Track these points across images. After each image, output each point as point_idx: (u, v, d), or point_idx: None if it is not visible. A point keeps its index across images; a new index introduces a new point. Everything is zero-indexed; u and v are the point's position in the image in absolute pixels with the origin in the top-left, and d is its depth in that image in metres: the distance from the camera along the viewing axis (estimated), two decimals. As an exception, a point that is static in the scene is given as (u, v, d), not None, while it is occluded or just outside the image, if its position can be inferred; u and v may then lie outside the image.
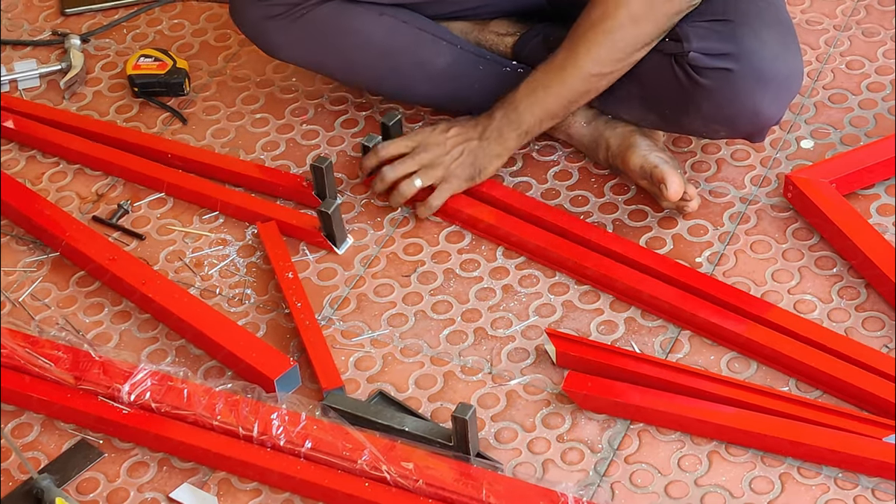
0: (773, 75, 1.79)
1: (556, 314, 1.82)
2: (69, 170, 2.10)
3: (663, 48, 1.84)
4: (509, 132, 1.90)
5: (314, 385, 1.76)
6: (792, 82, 1.83)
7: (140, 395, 1.71)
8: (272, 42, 2.02)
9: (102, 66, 2.27)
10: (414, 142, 1.94)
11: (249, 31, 2.03)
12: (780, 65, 1.80)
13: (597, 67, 1.83)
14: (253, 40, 2.05)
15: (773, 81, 1.80)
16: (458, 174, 1.92)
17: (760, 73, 1.79)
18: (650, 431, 1.68)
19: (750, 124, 1.83)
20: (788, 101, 1.84)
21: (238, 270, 1.93)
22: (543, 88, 1.86)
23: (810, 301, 1.80)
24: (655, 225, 1.92)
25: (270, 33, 2.00)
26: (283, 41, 2.01)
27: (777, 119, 1.84)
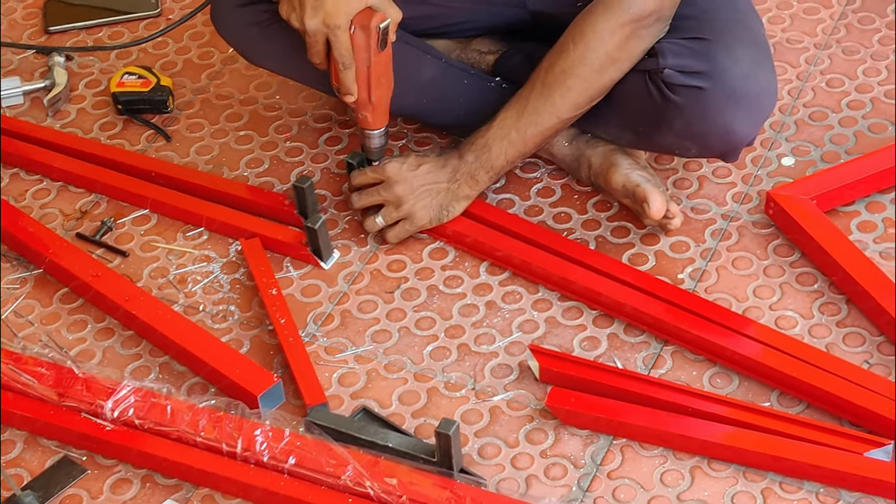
0: (745, 94, 1.80)
1: (539, 330, 1.83)
2: (53, 187, 2.10)
3: (638, 64, 1.85)
4: (482, 174, 1.90)
5: (298, 401, 1.76)
6: (764, 101, 1.84)
7: (123, 411, 1.71)
8: (255, 50, 2.02)
9: (86, 83, 2.28)
10: (383, 175, 1.92)
11: (232, 37, 2.03)
12: (753, 84, 1.81)
13: (573, 112, 1.85)
14: (235, 47, 2.05)
15: (745, 100, 1.80)
16: (422, 216, 1.91)
17: (732, 92, 1.80)
18: (633, 447, 1.69)
19: (722, 142, 1.84)
20: (761, 120, 1.85)
21: (222, 287, 1.93)
22: (517, 132, 1.86)
23: (791, 317, 1.81)
24: (638, 241, 1.93)
25: (253, 41, 2.00)
26: (266, 49, 2.00)
27: (750, 138, 1.85)
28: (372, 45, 1.79)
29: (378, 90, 1.85)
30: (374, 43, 1.79)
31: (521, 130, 1.86)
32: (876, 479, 1.60)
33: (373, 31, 1.78)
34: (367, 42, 1.79)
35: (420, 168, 1.91)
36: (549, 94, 1.83)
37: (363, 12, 1.78)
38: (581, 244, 1.91)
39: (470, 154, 1.89)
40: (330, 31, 1.78)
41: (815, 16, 2.26)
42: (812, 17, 2.26)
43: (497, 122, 1.87)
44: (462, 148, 1.90)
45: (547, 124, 1.85)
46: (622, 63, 1.81)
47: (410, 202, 1.91)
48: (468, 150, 1.90)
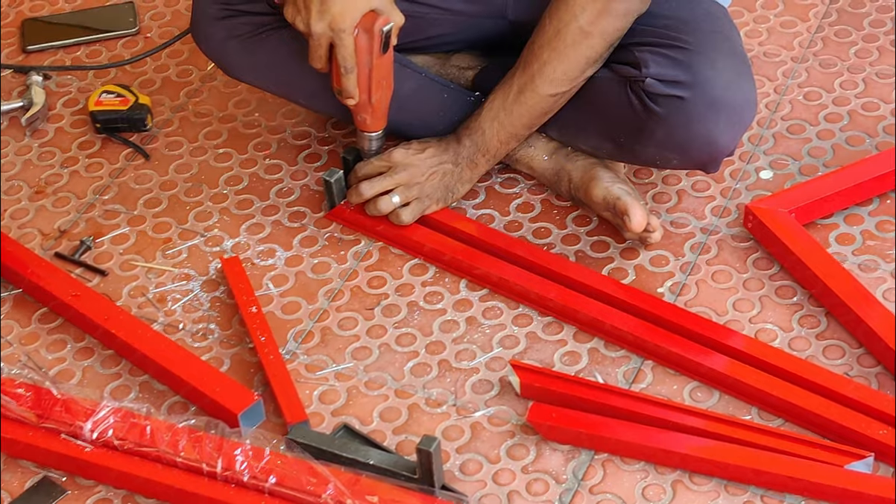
0: (726, 104, 1.81)
1: (519, 345, 1.83)
2: (31, 206, 2.09)
3: (620, 73, 1.86)
4: (479, 158, 1.93)
5: (278, 419, 1.75)
6: (745, 112, 1.84)
7: (103, 432, 1.70)
8: (235, 63, 2.01)
9: (64, 102, 2.27)
10: (391, 162, 1.95)
11: (212, 51, 2.02)
12: (734, 94, 1.82)
13: (552, 88, 1.86)
14: (215, 61, 2.04)
15: (726, 110, 1.81)
16: (432, 195, 1.95)
17: (714, 101, 1.80)
18: (615, 461, 1.68)
19: (703, 153, 1.85)
20: (741, 130, 1.86)
21: (202, 305, 1.92)
22: (505, 112, 1.89)
23: (771, 330, 1.82)
24: (617, 256, 1.93)
25: (233, 54, 1.99)
26: (245, 63, 2.00)
27: (731, 149, 1.86)
28: (375, 48, 1.80)
29: (378, 93, 1.86)
30: (377, 46, 1.80)
31: (509, 110, 1.88)
32: (857, 492, 1.60)
33: (376, 34, 1.79)
34: (369, 45, 1.80)
35: (425, 152, 1.94)
36: (529, 71, 1.85)
37: (367, 15, 1.79)
38: (561, 257, 1.91)
39: (466, 139, 1.93)
40: (335, 34, 1.79)
41: (792, 29, 2.27)
42: (789, 31, 2.27)
43: (486, 104, 1.91)
44: (460, 132, 1.94)
45: (531, 102, 1.87)
46: (594, 39, 1.82)
47: (422, 182, 1.94)
48: (465, 135, 1.93)
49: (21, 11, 2.45)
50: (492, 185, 2.05)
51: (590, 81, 1.89)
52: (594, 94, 1.89)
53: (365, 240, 1.98)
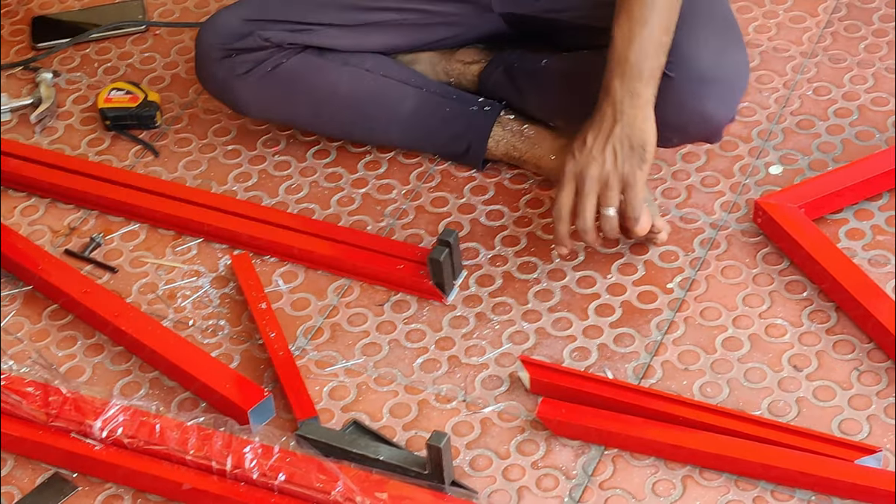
0: (714, 77, 1.79)
1: (529, 341, 1.83)
2: (41, 203, 2.09)
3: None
4: (637, 85, 1.74)
5: (288, 415, 1.75)
6: (736, 81, 1.82)
7: (112, 430, 1.70)
8: (240, 100, 2.03)
9: (74, 99, 2.27)
10: (572, 179, 1.77)
11: (217, 91, 2.05)
12: (721, 67, 1.79)
13: None
14: (221, 100, 2.06)
15: (716, 84, 1.79)
16: (630, 170, 1.74)
17: (700, 77, 1.78)
18: (624, 457, 1.68)
19: (700, 128, 1.84)
20: (736, 100, 1.84)
21: (211, 302, 1.93)
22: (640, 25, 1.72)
23: (781, 325, 1.81)
24: (627, 252, 1.93)
25: (237, 91, 2.02)
26: (250, 98, 2.02)
27: (729, 118, 1.84)
28: None
29: None
30: None
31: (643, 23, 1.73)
32: (867, 487, 1.60)
33: None
34: None
35: (587, 140, 1.76)
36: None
37: None
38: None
39: (614, 82, 1.74)
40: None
41: (801, 24, 2.26)
42: (798, 26, 2.26)
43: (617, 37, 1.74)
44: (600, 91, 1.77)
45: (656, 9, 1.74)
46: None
47: (614, 171, 1.75)
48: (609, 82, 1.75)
49: (30, 9, 2.46)
50: (501, 180, 2.05)
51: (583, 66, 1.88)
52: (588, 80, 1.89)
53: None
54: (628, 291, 1.88)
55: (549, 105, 1.99)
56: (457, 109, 2.02)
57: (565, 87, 1.95)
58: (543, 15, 1.99)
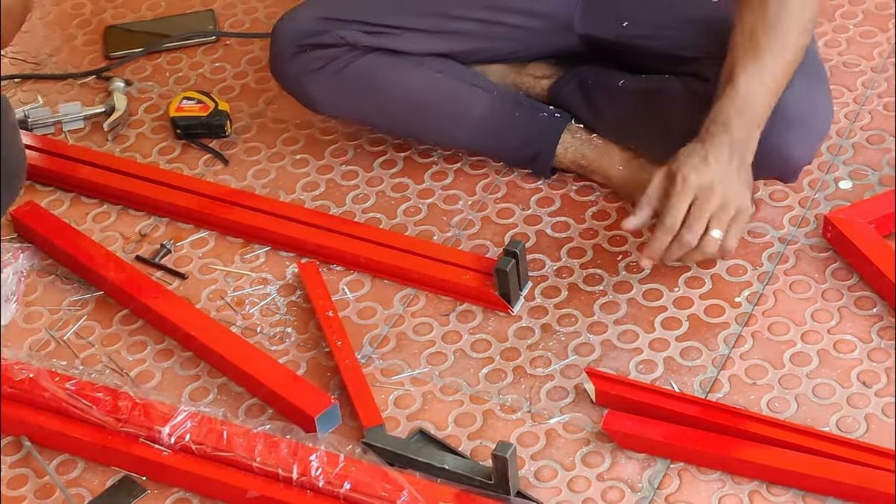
0: (799, 119, 1.79)
1: (595, 353, 1.83)
2: (113, 210, 2.12)
3: (691, 86, 1.85)
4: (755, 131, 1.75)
5: (354, 423, 1.76)
6: (819, 123, 1.83)
7: (180, 436, 1.72)
8: (312, 96, 2.05)
9: (145, 108, 2.30)
10: (692, 190, 1.72)
11: (289, 86, 2.06)
12: (806, 108, 1.80)
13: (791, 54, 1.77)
14: (293, 95, 2.08)
15: (799, 125, 1.80)
16: (745, 204, 1.74)
17: (785, 117, 1.78)
18: (690, 471, 1.68)
19: (778, 166, 1.84)
20: (817, 142, 1.84)
21: (279, 309, 1.94)
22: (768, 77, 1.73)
23: (850, 341, 1.80)
24: (694, 265, 1.92)
25: (310, 87, 2.03)
26: (322, 95, 2.03)
27: (807, 161, 1.84)
28: None
29: None
30: None
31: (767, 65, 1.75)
32: (937, 505, 1.58)
33: None
34: None
35: (708, 159, 1.73)
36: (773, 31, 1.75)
37: None
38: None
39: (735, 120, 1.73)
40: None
41: (872, 39, 2.25)
42: (868, 41, 2.25)
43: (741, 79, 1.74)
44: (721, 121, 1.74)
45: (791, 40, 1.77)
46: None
47: (734, 199, 1.72)
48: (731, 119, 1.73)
49: (104, 19, 2.49)
50: (567, 192, 2.05)
51: (663, 94, 1.88)
52: (667, 107, 1.89)
53: (441, 246, 1.99)
54: (695, 305, 1.87)
55: (625, 126, 1.98)
56: (527, 115, 2.02)
57: (643, 110, 1.94)
58: (627, 40, 1.98)
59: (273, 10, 2.44)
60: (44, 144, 2.20)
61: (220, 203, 2.06)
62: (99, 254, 2.00)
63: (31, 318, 1.96)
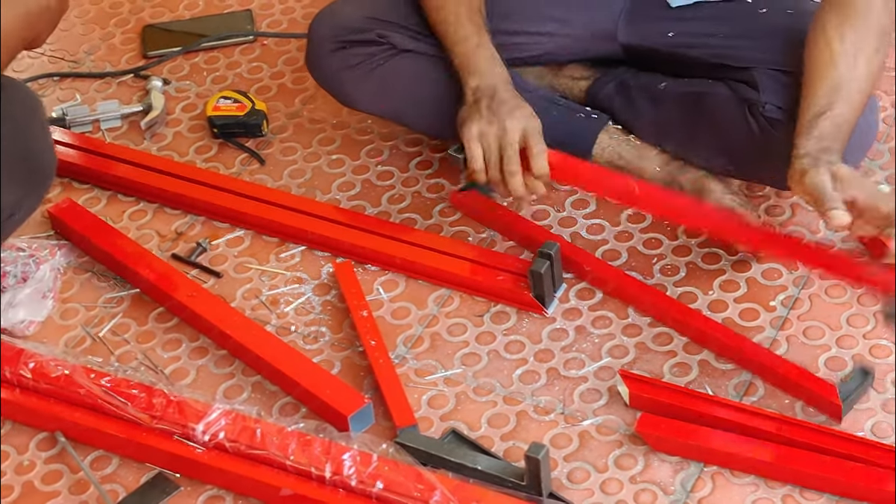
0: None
1: (629, 355, 1.82)
2: (149, 209, 2.13)
3: (739, 93, 1.84)
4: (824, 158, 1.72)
5: (387, 423, 1.77)
6: (864, 138, 1.82)
7: (214, 434, 1.73)
8: (349, 93, 2.05)
9: (183, 107, 2.32)
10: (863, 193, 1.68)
11: (326, 82, 2.07)
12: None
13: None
14: (330, 91, 2.08)
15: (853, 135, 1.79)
16: None
17: None
18: (724, 474, 1.67)
19: None
20: (863, 154, 1.84)
21: (313, 308, 1.95)
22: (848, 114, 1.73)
23: (886, 346, 1.79)
24: (729, 268, 1.91)
25: (347, 84, 2.04)
26: (359, 92, 2.04)
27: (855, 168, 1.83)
28: None
29: None
30: None
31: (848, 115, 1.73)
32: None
33: None
34: None
35: None
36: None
37: None
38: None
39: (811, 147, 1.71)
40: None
41: (911, 43, 2.23)
42: (908, 44, 2.23)
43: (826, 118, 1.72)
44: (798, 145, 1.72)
45: None
46: None
47: None
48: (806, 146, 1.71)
49: (141, 18, 2.51)
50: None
51: (708, 98, 1.88)
52: (713, 114, 1.88)
53: (475, 247, 1.99)
54: (730, 308, 1.87)
55: (666, 129, 1.97)
56: (563, 115, 2.02)
57: (687, 114, 1.93)
58: (673, 49, 1.97)
59: (310, 10, 2.45)
60: (81, 142, 2.21)
61: (256, 202, 2.07)
62: (135, 251, 2.02)
63: (68, 315, 1.98)
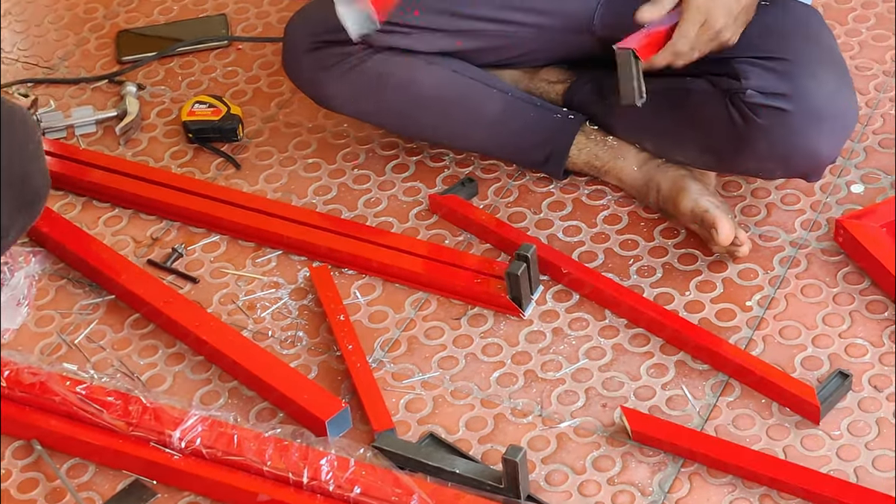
0: (829, 115, 1.80)
1: (606, 357, 1.83)
2: (124, 214, 2.12)
3: (719, 85, 1.84)
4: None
5: (365, 427, 1.76)
6: (847, 121, 1.83)
7: (191, 440, 1.72)
8: (325, 93, 2.05)
9: (158, 112, 2.31)
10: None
11: (303, 83, 2.06)
12: (836, 104, 1.80)
13: None
14: (306, 92, 2.08)
15: (829, 121, 1.80)
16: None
17: (817, 113, 1.79)
18: (701, 474, 1.68)
19: (806, 164, 1.84)
20: (844, 139, 1.84)
21: (290, 313, 1.94)
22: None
23: (861, 345, 1.80)
24: (705, 269, 1.92)
25: (323, 84, 2.03)
26: (335, 92, 2.03)
27: (834, 158, 1.84)
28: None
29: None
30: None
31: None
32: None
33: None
34: None
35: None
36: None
37: None
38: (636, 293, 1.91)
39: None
40: None
41: (884, 43, 2.24)
42: (881, 45, 2.24)
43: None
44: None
45: None
46: None
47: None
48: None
49: (116, 23, 2.50)
50: (579, 196, 2.05)
51: (687, 93, 1.88)
52: (692, 106, 1.89)
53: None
54: (706, 308, 1.87)
55: (642, 125, 1.97)
56: (540, 115, 2.02)
57: (665, 110, 1.93)
58: None
59: (285, 14, 2.45)
60: (56, 148, 2.21)
61: (232, 207, 2.07)
62: (110, 258, 2.01)
63: (43, 322, 1.97)
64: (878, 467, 1.66)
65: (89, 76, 2.39)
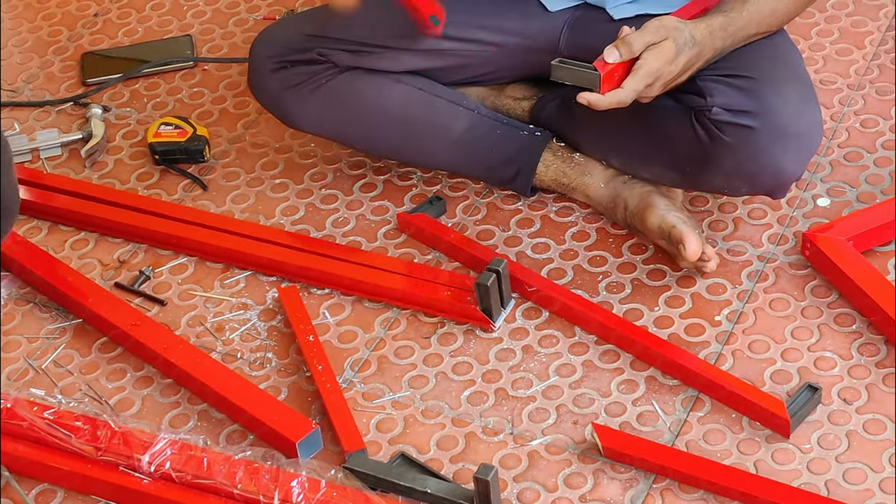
0: (794, 132, 1.81)
1: (576, 374, 1.83)
2: (91, 237, 2.11)
3: (685, 102, 1.85)
4: (722, 49, 1.83)
5: (336, 448, 1.76)
6: (812, 138, 1.84)
7: (160, 464, 1.71)
8: (291, 113, 2.04)
9: (123, 134, 2.30)
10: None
11: (269, 103, 2.06)
12: (801, 121, 1.81)
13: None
14: (273, 112, 2.07)
15: (794, 138, 1.81)
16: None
17: (782, 130, 1.80)
18: (673, 490, 1.68)
19: (771, 180, 1.85)
20: (809, 156, 1.85)
21: (259, 334, 1.94)
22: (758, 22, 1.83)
23: (830, 358, 1.80)
24: (674, 284, 1.92)
25: (289, 104, 2.03)
26: (301, 111, 2.03)
27: (799, 175, 1.85)
28: None
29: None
30: None
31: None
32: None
33: None
34: None
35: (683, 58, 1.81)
36: None
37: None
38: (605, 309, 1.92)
39: (728, 41, 1.82)
40: None
41: (848, 57, 2.26)
42: (845, 59, 2.26)
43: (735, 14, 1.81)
44: (722, 32, 1.82)
45: None
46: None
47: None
48: (730, 36, 1.82)
49: (80, 45, 2.49)
50: (547, 213, 2.05)
51: (653, 111, 1.89)
52: (658, 124, 1.89)
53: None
54: (675, 324, 1.87)
55: (608, 142, 1.98)
56: (507, 132, 2.02)
57: (631, 127, 1.94)
58: None
59: (250, 34, 2.44)
60: (21, 173, 2.19)
61: (200, 228, 2.06)
62: (77, 281, 2.00)
63: (9, 347, 1.95)
64: (848, 480, 1.67)
65: (54, 99, 2.37)
